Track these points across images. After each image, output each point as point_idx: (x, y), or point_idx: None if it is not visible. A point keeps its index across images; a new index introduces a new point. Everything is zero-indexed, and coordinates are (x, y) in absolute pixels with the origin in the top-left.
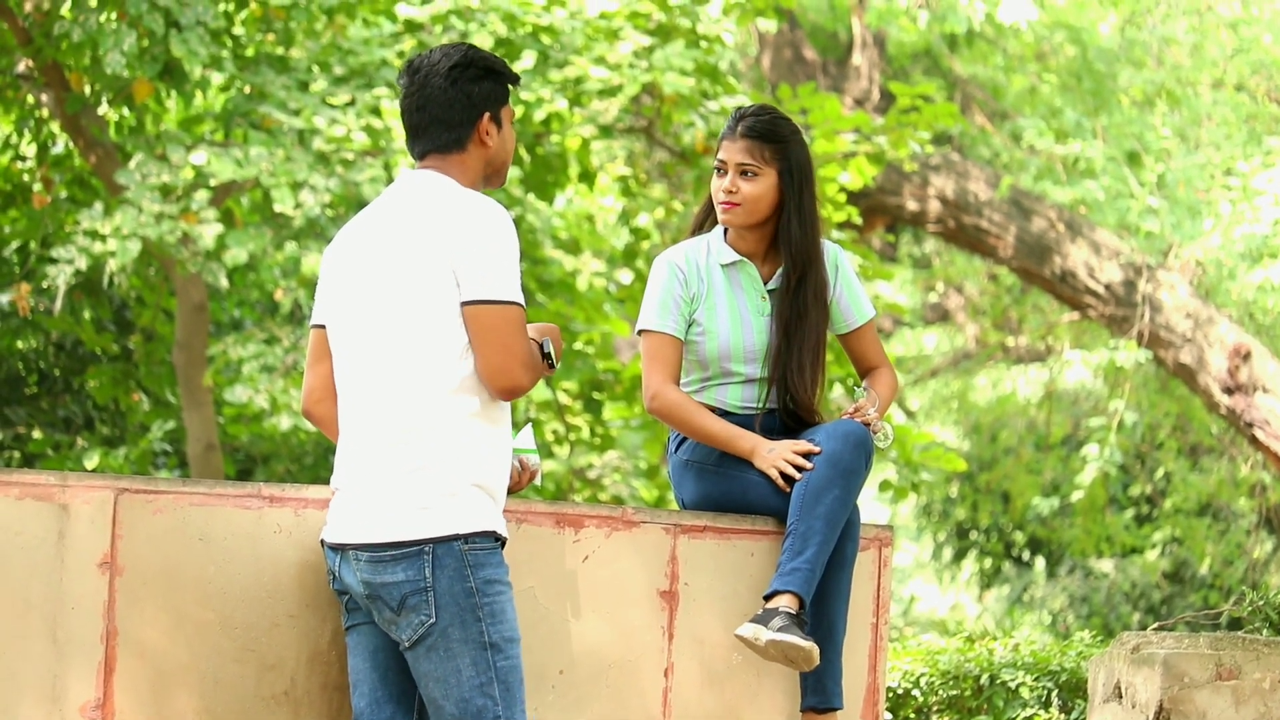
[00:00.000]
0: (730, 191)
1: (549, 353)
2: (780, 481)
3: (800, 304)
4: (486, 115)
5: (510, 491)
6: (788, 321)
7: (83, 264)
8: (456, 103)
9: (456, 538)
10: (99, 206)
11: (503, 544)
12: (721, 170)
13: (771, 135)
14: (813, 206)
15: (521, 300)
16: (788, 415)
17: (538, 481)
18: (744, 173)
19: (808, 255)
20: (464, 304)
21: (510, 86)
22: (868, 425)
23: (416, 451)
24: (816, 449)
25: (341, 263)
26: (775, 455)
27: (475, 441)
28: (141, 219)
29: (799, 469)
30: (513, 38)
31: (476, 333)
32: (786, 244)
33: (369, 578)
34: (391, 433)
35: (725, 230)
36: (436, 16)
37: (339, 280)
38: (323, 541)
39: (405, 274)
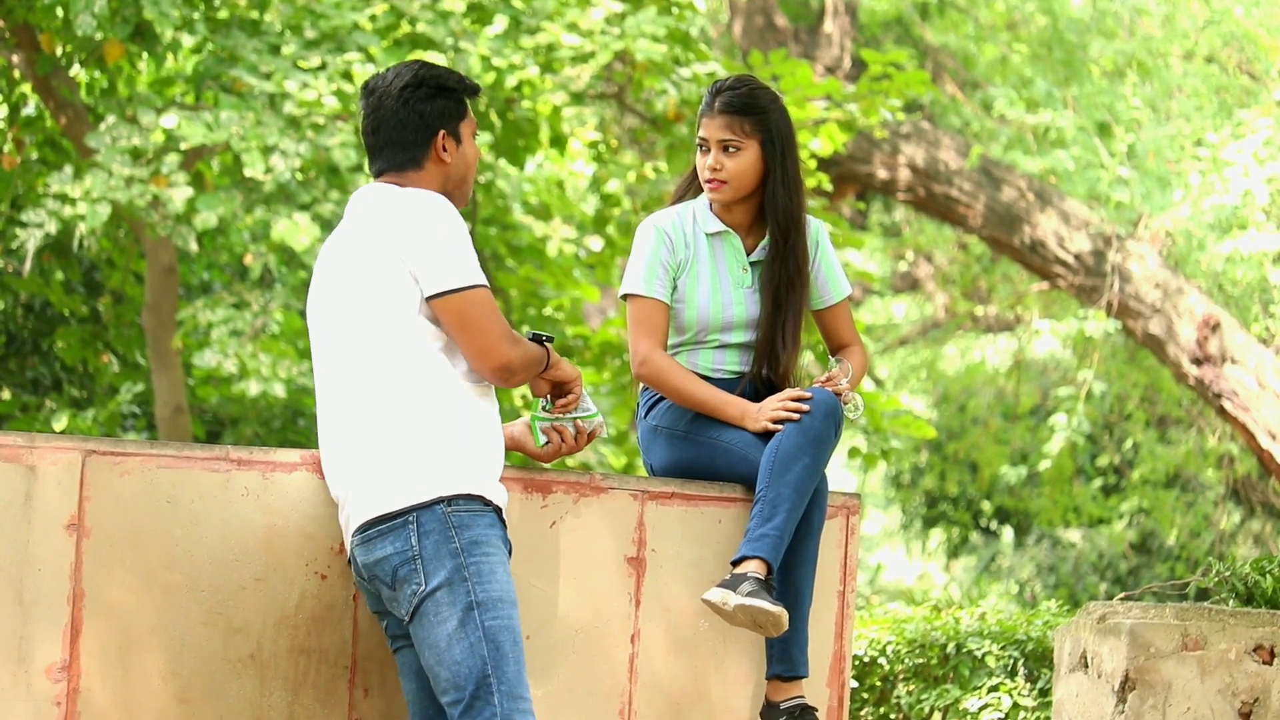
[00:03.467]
0: (715, 169)
1: (545, 341)
2: (779, 429)
3: (789, 271)
4: (442, 133)
5: (567, 454)
6: (777, 289)
7: (52, 227)
8: (409, 123)
9: (439, 500)
10: (69, 169)
11: (496, 511)
12: (704, 147)
13: (749, 108)
14: (796, 172)
15: (483, 280)
16: (762, 381)
17: (603, 434)
18: (726, 149)
19: (793, 220)
20: (429, 299)
21: (469, 99)
22: (839, 395)
23: (397, 454)
24: (809, 394)
25: (311, 294)
26: (765, 411)
27: (458, 432)
28: (111, 182)
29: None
30: (484, 3)
31: (452, 324)
32: (773, 210)
33: (364, 560)
34: (372, 443)
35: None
36: None
37: (310, 308)
38: (349, 563)
39: (359, 280)
